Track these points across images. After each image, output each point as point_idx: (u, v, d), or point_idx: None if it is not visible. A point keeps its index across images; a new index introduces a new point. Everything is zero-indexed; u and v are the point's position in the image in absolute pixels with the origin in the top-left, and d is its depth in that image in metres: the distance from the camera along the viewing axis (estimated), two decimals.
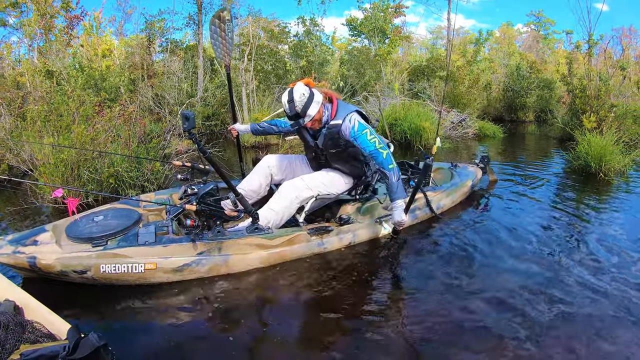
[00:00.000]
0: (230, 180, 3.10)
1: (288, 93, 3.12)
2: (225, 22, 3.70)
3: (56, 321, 1.85)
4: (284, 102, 3.14)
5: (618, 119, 8.51)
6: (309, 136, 3.45)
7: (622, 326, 2.46)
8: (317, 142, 3.40)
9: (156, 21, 11.81)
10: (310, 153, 3.57)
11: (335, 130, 3.24)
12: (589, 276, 3.02)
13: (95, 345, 1.54)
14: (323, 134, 3.31)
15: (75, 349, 1.53)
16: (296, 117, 3.15)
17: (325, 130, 3.29)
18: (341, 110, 3.29)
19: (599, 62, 10.57)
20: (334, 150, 3.33)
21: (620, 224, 4.17)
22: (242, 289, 2.82)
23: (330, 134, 3.26)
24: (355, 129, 3.18)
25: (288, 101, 3.11)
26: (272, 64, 10.71)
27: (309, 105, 3.13)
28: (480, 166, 5.16)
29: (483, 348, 2.23)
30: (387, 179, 3.19)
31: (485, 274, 3.05)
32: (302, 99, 3.10)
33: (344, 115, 3.24)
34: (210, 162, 2.89)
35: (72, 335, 1.60)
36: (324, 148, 3.38)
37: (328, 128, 3.26)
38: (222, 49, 3.81)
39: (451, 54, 13.97)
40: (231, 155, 7.44)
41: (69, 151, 4.34)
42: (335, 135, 3.25)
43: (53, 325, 1.82)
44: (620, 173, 6.20)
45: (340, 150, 3.35)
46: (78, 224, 2.92)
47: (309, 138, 3.45)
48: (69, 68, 8.46)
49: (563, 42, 32.00)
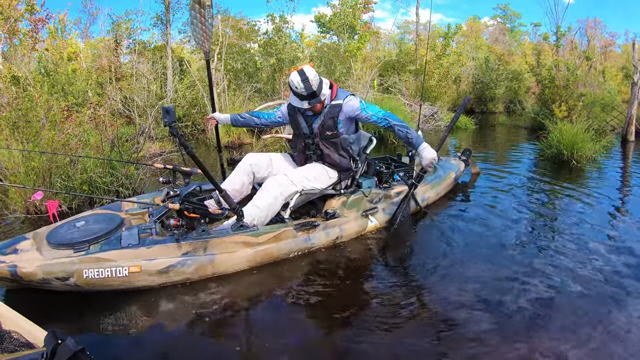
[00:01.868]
0: None
1: (300, 73, 3.21)
2: (205, 7, 3.65)
3: (34, 330, 1.82)
4: (297, 82, 3.21)
5: (586, 107, 8.77)
6: (303, 122, 3.51)
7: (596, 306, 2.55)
8: (312, 127, 3.47)
9: (123, 22, 11.59)
10: (300, 143, 3.60)
11: (336, 110, 3.38)
12: (568, 261, 3.12)
13: (73, 350, 1.53)
14: (322, 115, 3.42)
15: (54, 355, 1.52)
16: (312, 95, 3.24)
17: (325, 110, 3.40)
18: (340, 92, 3.46)
19: (565, 53, 10.84)
20: (329, 132, 3.39)
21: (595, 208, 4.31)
22: (228, 292, 2.79)
23: (330, 112, 3.38)
24: (363, 103, 3.40)
25: (302, 80, 3.19)
26: (242, 62, 10.63)
27: (322, 84, 3.30)
28: (462, 159, 5.25)
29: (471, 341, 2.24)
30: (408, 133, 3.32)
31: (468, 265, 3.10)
32: (316, 78, 3.24)
33: (344, 97, 3.41)
34: (192, 157, 2.84)
35: (50, 342, 1.58)
36: (318, 132, 3.44)
37: (330, 107, 3.38)
38: (201, 35, 3.76)
39: (420, 49, 14.13)
40: (204, 157, 7.35)
41: (39, 158, 4.21)
42: (335, 114, 3.37)
43: (31, 334, 1.79)
44: (591, 160, 6.40)
45: (334, 135, 3.42)
46: (59, 231, 2.84)
47: (304, 124, 3.51)
48: (35, 73, 8.24)
49: (529, 34, 32.77)
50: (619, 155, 7.44)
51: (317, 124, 3.45)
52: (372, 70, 11.14)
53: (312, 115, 3.48)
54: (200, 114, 9.76)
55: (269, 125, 3.96)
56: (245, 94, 9.55)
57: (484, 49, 17.30)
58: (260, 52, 10.54)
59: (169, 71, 10.49)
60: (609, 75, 14.22)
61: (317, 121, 3.45)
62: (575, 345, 2.17)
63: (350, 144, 3.54)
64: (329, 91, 3.39)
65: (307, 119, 3.51)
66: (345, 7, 13.30)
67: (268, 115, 3.87)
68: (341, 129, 3.44)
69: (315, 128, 3.47)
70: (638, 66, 8.71)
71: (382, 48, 17.53)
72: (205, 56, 3.91)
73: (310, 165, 3.58)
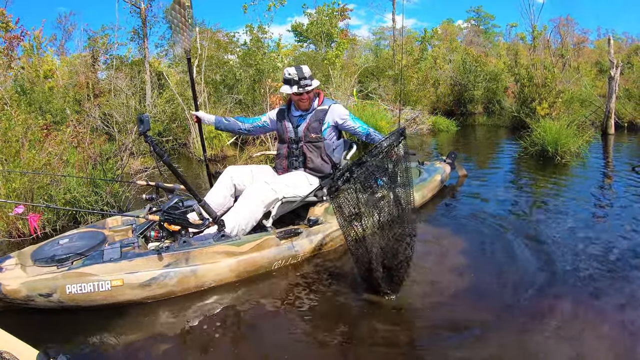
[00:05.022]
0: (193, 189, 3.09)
1: (295, 67, 3.57)
2: (184, 7, 3.71)
3: (24, 350, 1.80)
4: (290, 70, 3.55)
5: (565, 103, 8.96)
6: (290, 125, 3.71)
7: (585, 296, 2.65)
8: (297, 130, 3.65)
9: (100, 37, 11.54)
10: (284, 149, 3.74)
11: (322, 113, 3.65)
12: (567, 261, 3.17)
13: None
14: (308, 117, 3.66)
15: None
16: (302, 79, 3.52)
17: (312, 112, 3.68)
18: (326, 100, 3.78)
19: (541, 51, 11.06)
20: (314, 135, 3.59)
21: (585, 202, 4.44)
22: (215, 303, 2.81)
23: (316, 115, 3.65)
24: (351, 114, 3.77)
25: (296, 69, 3.54)
26: (222, 74, 10.64)
27: (313, 78, 3.61)
28: (447, 162, 5.30)
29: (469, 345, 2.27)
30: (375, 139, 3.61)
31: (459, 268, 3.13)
32: (309, 71, 3.58)
33: (330, 103, 3.73)
34: (168, 166, 2.86)
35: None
36: (302, 136, 3.63)
37: (316, 110, 3.67)
38: (182, 34, 3.81)
39: (397, 54, 14.27)
40: (186, 170, 7.35)
41: (21, 179, 4.18)
42: (322, 117, 3.64)
43: (21, 354, 1.76)
44: (575, 155, 6.53)
45: (318, 138, 3.61)
46: (43, 249, 2.86)
47: (290, 127, 3.70)
48: (11, 91, 8.16)
49: (503, 35, 33.21)
50: (601, 148, 7.63)
51: (303, 127, 3.61)
52: (352, 77, 11.22)
53: (299, 117, 3.67)
54: (180, 127, 9.73)
55: (252, 132, 4.07)
56: (226, 106, 9.55)
57: (459, 52, 17.51)
58: (240, 63, 10.55)
59: (148, 85, 10.44)
60: (584, 71, 14.50)
61: (303, 124, 3.63)
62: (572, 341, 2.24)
63: (333, 150, 3.71)
64: (317, 84, 3.63)
65: (293, 120, 3.69)
66: (321, 15, 13.41)
67: (253, 120, 4.00)
68: (325, 135, 3.62)
69: (300, 131, 3.62)
70: (614, 61, 8.96)
71: (358, 55, 17.68)
72: (186, 54, 3.94)
73: (291, 173, 3.65)
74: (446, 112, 13.92)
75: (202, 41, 9.81)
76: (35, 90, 8.73)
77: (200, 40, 9.72)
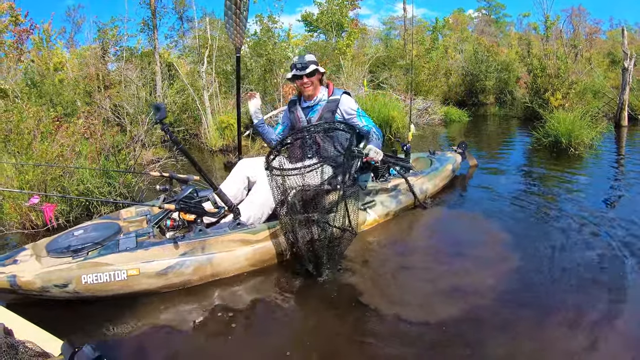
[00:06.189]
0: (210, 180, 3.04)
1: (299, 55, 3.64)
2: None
3: (48, 339, 1.81)
4: (295, 58, 3.59)
5: (578, 95, 8.83)
6: (302, 115, 3.66)
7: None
8: (310, 121, 3.59)
9: (109, 29, 11.52)
10: None
11: (334, 104, 3.58)
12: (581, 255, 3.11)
13: (91, 357, 1.52)
14: (320, 108, 3.59)
15: None
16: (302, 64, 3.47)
17: (324, 103, 3.59)
18: (336, 90, 3.68)
19: (553, 42, 10.89)
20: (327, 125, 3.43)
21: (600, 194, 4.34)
22: (231, 293, 2.78)
23: (328, 106, 3.57)
24: (360, 111, 3.64)
25: (300, 56, 3.56)
26: (232, 64, 10.59)
27: (317, 63, 3.53)
28: (458, 152, 5.25)
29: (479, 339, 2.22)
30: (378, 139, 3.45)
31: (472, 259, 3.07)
32: (312, 57, 3.55)
33: (340, 93, 3.64)
34: (184, 154, 2.85)
35: (67, 350, 1.57)
36: None
37: (328, 101, 3.59)
38: (234, 29, 3.72)
39: (408, 43, 14.14)
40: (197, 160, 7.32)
41: (34, 171, 4.16)
42: (334, 107, 3.57)
43: (45, 343, 1.76)
44: (589, 146, 6.41)
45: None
46: (58, 240, 2.84)
47: (302, 117, 3.66)
48: (21, 85, 8.16)
49: (514, 24, 32.86)
50: (614, 141, 7.50)
51: (316, 117, 3.56)
52: (363, 67, 11.13)
53: (310, 108, 3.62)
54: (191, 118, 9.71)
55: None
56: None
57: (470, 41, 17.33)
58: (250, 53, 10.50)
59: (158, 76, 10.43)
60: (596, 62, 14.31)
61: (315, 115, 3.57)
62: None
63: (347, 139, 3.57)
64: (322, 69, 3.58)
65: (305, 111, 3.64)
66: (332, 4, 13.31)
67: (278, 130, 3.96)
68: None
69: (313, 121, 3.55)
70: (628, 52, 8.78)
71: (368, 45, 17.54)
72: (236, 52, 3.86)
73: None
74: (458, 102, 13.81)
75: (212, 32, 9.76)
76: (46, 82, 8.72)
77: (210, 31, 9.66)
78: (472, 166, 5.57)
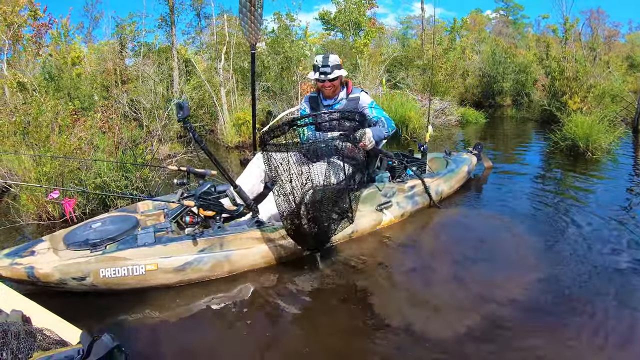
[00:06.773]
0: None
1: (324, 54, 3.51)
2: None
3: (65, 327, 1.82)
4: (319, 57, 3.49)
5: (597, 98, 8.68)
6: None
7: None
8: None
9: (127, 24, 11.57)
10: None
11: (355, 102, 3.62)
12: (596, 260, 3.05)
13: (110, 346, 1.52)
14: (340, 107, 3.60)
15: (90, 351, 1.50)
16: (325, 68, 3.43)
17: (345, 101, 3.63)
18: (354, 88, 3.73)
19: (572, 44, 10.75)
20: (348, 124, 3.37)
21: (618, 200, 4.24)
22: (246, 288, 2.77)
23: (349, 104, 3.60)
24: (373, 103, 3.69)
25: (324, 57, 3.48)
26: (250, 61, 10.58)
27: (340, 67, 3.52)
28: (474, 153, 5.21)
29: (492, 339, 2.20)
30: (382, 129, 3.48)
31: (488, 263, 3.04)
32: (335, 60, 3.48)
33: (359, 91, 3.71)
34: (206, 152, 2.84)
35: (85, 338, 1.56)
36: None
37: (349, 100, 3.63)
38: (249, 26, 3.70)
39: (426, 43, 14.03)
40: None
41: (51, 163, 4.17)
42: (354, 106, 3.60)
43: (62, 331, 1.78)
44: (606, 151, 6.31)
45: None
46: (76, 232, 2.83)
47: None
48: (39, 78, 8.22)
49: (532, 26, 32.52)
50: (632, 146, 7.36)
51: None
52: (380, 66, 11.05)
53: (330, 107, 3.62)
54: (208, 114, 9.71)
55: None
56: (256, 92, 9.49)
57: (488, 42, 17.16)
58: (267, 50, 10.48)
59: (175, 72, 10.46)
60: (614, 65, 14.08)
61: None
62: None
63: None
64: (340, 73, 3.52)
65: (326, 110, 3.60)
66: (349, 3, 13.25)
67: None
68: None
69: None
70: None
71: (385, 44, 17.45)
72: (251, 49, 3.84)
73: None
74: (474, 103, 13.66)
75: (230, 29, 9.75)
76: (63, 76, 8.77)
77: (228, 28, 9.66)
78: (488, 168, 5.51)
